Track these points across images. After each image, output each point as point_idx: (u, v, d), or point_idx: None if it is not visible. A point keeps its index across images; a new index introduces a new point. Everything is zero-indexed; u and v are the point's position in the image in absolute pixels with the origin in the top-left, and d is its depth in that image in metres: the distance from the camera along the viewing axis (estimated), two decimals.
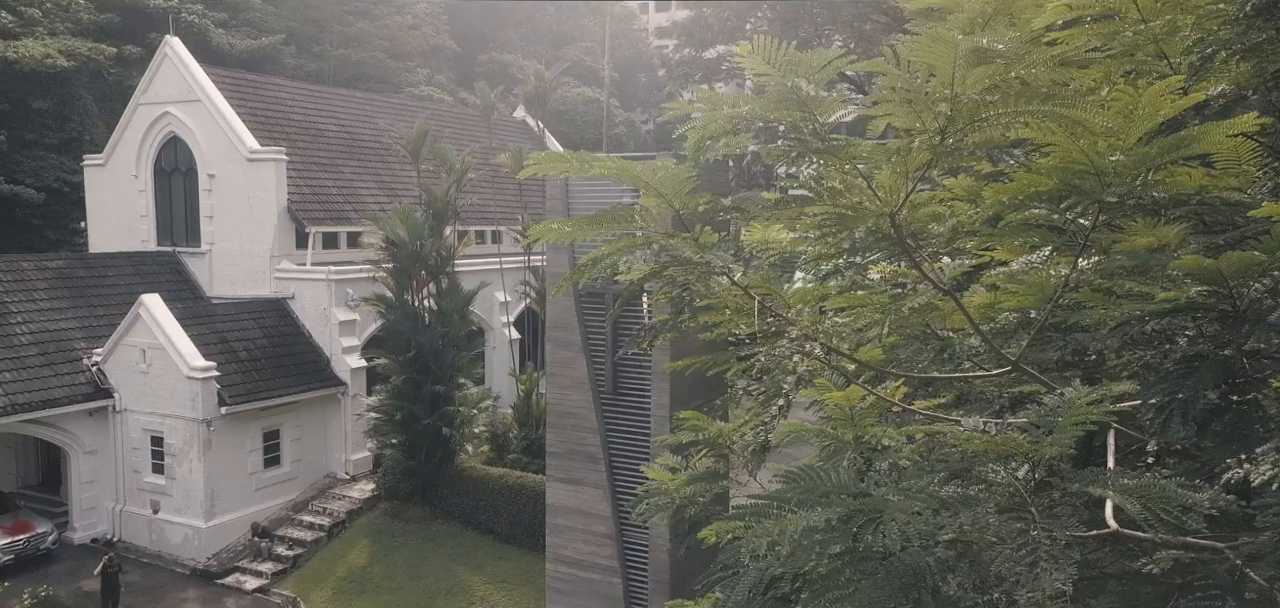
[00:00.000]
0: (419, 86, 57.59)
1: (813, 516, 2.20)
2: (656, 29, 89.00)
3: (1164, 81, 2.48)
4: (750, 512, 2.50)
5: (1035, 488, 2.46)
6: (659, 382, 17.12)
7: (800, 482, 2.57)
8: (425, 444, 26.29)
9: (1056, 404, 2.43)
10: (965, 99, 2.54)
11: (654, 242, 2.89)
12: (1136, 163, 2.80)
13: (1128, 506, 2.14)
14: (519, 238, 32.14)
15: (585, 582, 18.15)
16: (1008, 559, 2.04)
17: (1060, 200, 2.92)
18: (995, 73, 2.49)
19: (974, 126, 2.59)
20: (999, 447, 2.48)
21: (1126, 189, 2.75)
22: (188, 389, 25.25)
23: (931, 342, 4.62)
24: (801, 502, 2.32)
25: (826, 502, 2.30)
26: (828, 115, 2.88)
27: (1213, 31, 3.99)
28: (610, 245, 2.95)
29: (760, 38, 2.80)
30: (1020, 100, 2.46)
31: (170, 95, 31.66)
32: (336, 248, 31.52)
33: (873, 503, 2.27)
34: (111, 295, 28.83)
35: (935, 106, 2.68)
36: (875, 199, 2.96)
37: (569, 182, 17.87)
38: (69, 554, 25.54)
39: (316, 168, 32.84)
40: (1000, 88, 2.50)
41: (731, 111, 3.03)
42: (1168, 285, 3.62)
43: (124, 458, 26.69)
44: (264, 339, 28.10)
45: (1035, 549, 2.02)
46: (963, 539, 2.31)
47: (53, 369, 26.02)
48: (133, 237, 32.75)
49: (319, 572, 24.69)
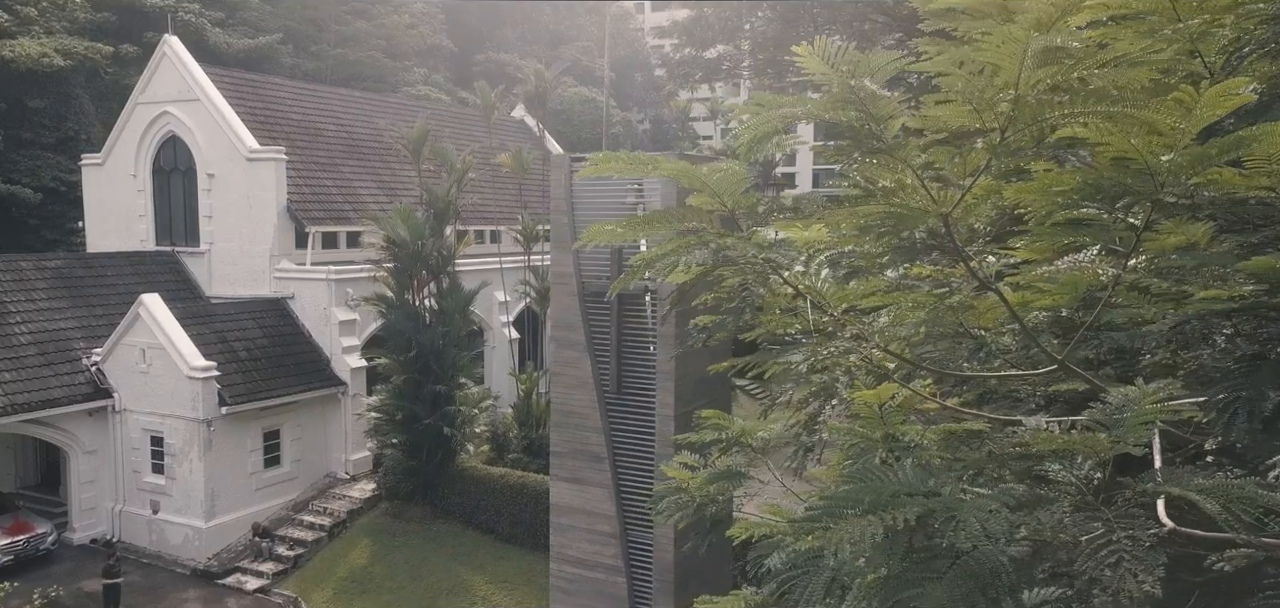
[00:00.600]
0: (416, 86, 57.53)
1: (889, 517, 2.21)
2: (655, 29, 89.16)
3: (1231, 81, 2.49)
4: (824, 512, 2.50)
5: (1098, 487, 2.47)
6: (663, 381, 17.14)
7: (866, 482, 2.58)
8: (426, 444, 26.26)
9: (1121, 403, 2.44)
10: (1029, 98, 2.55)
11: (710, 240, 2.90)
12: (1192, 162, 2.82)
13: (1207, 505, 2.15)
14: (519, 238, 32.13)
15: (589, 581, 18.15)
16: (1091, 560, 2.05)
17: (1115, 199, 2.93)
18: (1059, 73, 2.50)
19: (1037, 126, 2.60)
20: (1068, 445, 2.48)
21: (1183, 189, 2.77)
22: (188, 389, 25.18)
23: (964, 341, 4.64)
24: (874, 503, 2.32)
25: (897, 502, 2.31)
26: (886, 114, 2.89)
27: (1250, 31, 4.01)
28: (669, 245, 2.95)
29: (822, 40, 2.81)
30: (1088, 100, 2.47)
31: (169, 95, 31.56)
32: (336, 248, 31.48)
33: (948, 503, 2.27)
34: (110, 295, 28.75)
35: (996, 106, 2.69)
36: (930, 199, 2.97)
37: (573, 182, 17.88)
38: (68, 555, 25.45)
39: (316, 167, 32.78)
40: (1064, 87, 2.51)
41: (785, 112, 3.03)
42: (1211, 284, 3.64)
43: (123, 458, 26.61)
44: (264, 339, 28.05)
45: (1118, 550, 2.03)
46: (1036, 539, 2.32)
47: (52, 369, 25.93)
48: (131, 236, 32.66)
49: (320, 572, 24.65)
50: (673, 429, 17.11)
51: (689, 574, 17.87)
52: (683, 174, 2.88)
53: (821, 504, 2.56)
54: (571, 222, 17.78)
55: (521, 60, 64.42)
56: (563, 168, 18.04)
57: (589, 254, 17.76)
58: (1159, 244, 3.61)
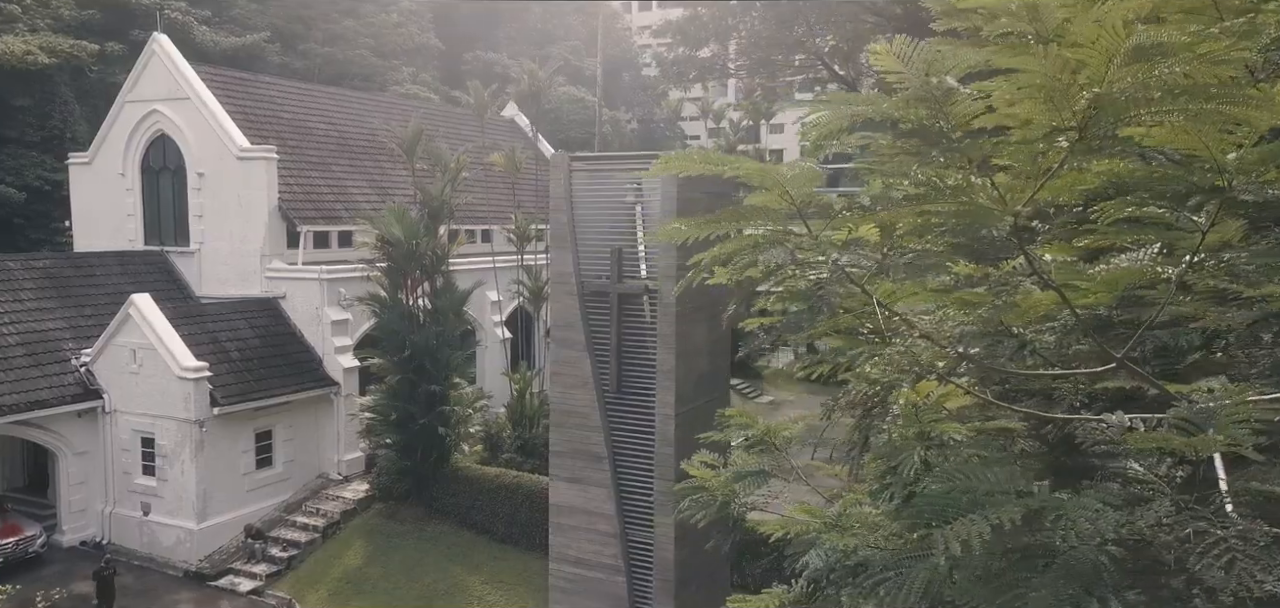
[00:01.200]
0: (404, 84, 57.31)
1: (995, 516, 2.20)
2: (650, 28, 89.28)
3: None
4: (922, 511, 2.49)
5: (1181, 485, 2.48)
6: (663, 381, 17.14)
7: (957, 482, 2.57)
8: (421, 444, 26.15)
9: (1208, 401, 2.45)
10: (1113, 94, 2.56)
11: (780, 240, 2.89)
12: (1262, 158, 2.84)
13: None
14: (512, 237, 32.05)
15: (589, 581, 18.13)
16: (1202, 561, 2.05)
17: (1186, 197, 2.95)
18: (1146, 69, 2.51)
19: (1120, 122, 2.61)
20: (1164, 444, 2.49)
21: (1258, 188, 2.79)
22: (180, 390, 24.97)
23: (1005, 340, 4.66)
24: (972, 503, 2.32)
25: (994, 501, 2.31)
26: (958, 111, 2.88)
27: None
28: (736, 242, 2.94)
29: (900, 38, 2.81)
30: (1178, 99, 2.48)
31: (158, 93, 31.30)
32: (328, 247, 31.31)
33: (1054, 502, 2.27)
34: (99, 295, 28.48)
35: (1075, 102, 2.70)
36: (1001, 199, 2.97)
37: (573, 180, 17.85)
38: (58, 557, 25.20)
39: (307, 166, 32.59)
40: (1150, 82, 2.52)
41: (852, 110, 3.03)
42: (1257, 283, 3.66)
43: (114, 460, 26.37)
44: (256, 339, 27.86)
45: (1230, 550, 2.04)
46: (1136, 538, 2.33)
47: (40, 370, 25.66)
48: (119, 236, 32.36)
49: (314, 573, 24.50)
50: (673, 429, 17.12)
51: (689, 574, 17.88)
52: (755, 173, 2.87)
53: (918, 504, 2.55)
54: (571, 221, 17.75)
55: (510, 60, 64.30)
56: (562, 167, 18.00)
57: (589, 254, 17.74)
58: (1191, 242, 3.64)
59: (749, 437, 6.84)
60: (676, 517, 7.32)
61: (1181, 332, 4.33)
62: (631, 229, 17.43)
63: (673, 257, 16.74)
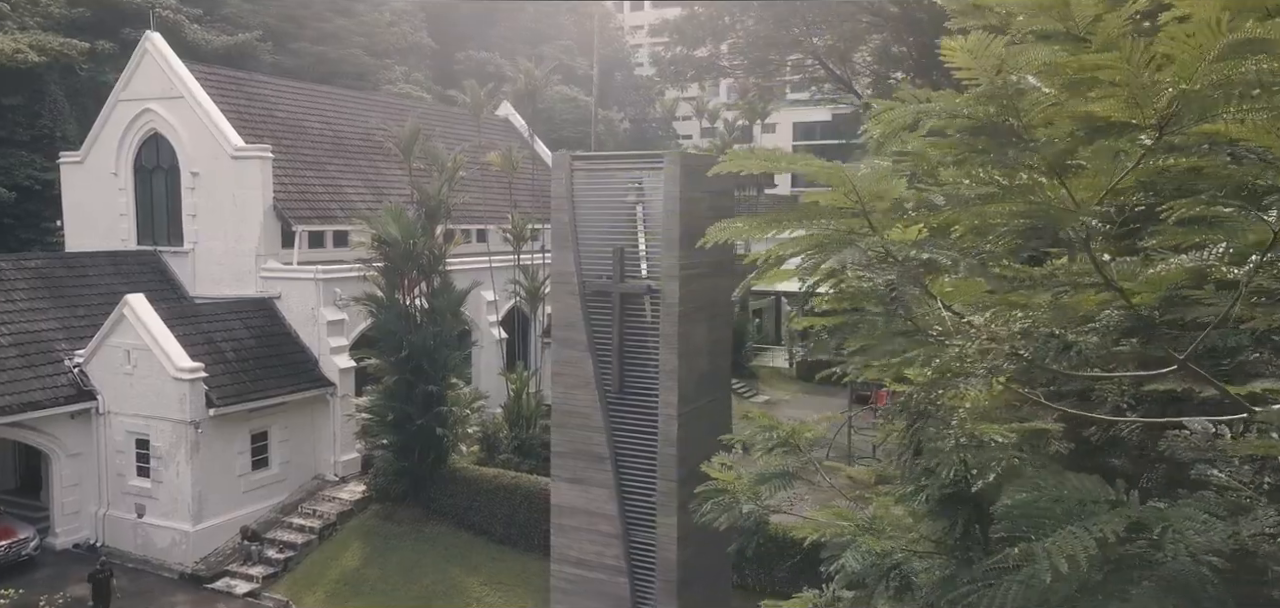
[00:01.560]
0: (396, 84, 57.09)
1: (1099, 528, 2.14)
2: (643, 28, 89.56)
3: None
4: (1016, 521, 2.43)
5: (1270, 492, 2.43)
6: (666, 381, 17.07)
7: (1044, 490, 2.51)
8: (418, 445, 26.02)
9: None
10: (1199, 91, 2.51)
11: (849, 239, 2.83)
12: None
13: None
14: (508, 237, 31.94)
15: (591, 582, 18.03)
16: None
17: (1261, 196, 2.90)
18: (1233, 65, 2.46)
19: (1202, 119, 2.56)
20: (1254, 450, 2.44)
21: None
22: (175, 390, 24.78)
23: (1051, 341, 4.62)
24: (1069, 514, 2.26)
25: (1088, 511, 2.25)
26: (1032, 110, 2.83)
27: None
28: (807, 240, 2.87)
29: (974, 35, 2.76)
30: (1268, 93, 2.43)
31: (151, 92, 31.05)
32: (323, 247, 31.13)
33: (1152, 513, 2.22)
34: (92, 295, 28.24)
35: (1157, 100, 2.65)
36: (1071, 199, 2.92)
37: (574, 181, 17.76)
38: (50, 560, 24.98)
39: (302, 166, 32.40)
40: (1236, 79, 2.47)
41: (920, 108, 2.98)
42: None
43: (108, 461, 26.14)
44: (251, 340, 27.67)
45: None
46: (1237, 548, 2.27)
47: (33, 371, 25.41)
48: (112, 236, 32.10)
49: (311, 575, 24.35)
50: (676, 429, 17.05)
51: (691, 575, 17.82)
52: (822, 172, 2.81)
53: (1013, 512, 2.49)
54: (572, 221, 17.66)
55: (503, 59, 64.13)
56: (563, 166, 17.90)
57: (590, 253, 17.65)
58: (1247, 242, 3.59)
59: (773, 438, 6.79)
60: (696, 520, 7.25)
61: (1229, 332, 4.30)
62: (632, 229, 17.35)
63: (675, 256, 16.69)
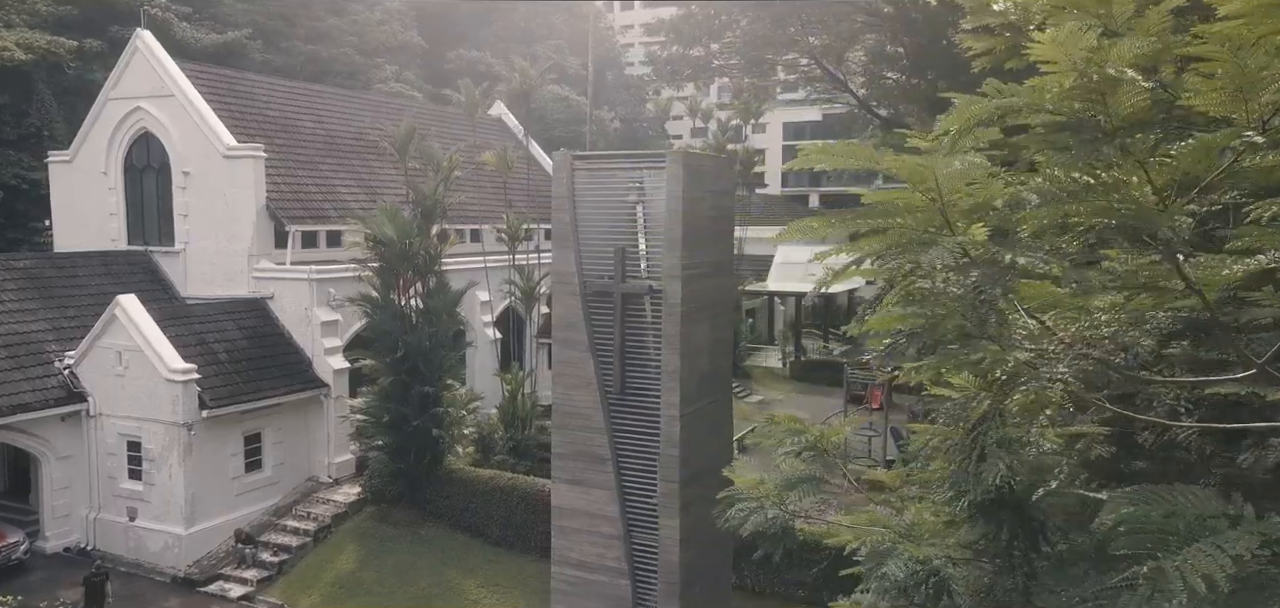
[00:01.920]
0: (387, 82, 56.78)
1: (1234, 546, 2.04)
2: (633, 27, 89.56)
3: None
4: (1135, 537, 2.32)
5: None
6: (668, 381, 16.95)
7: (1156, 504, 2.40)
8: (414, 446, 25.83)
9: None
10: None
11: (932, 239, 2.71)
12: None
13: None
14: (503, 237, 31.75)
15: (592, 584, 17.90)
16: None
17: None
18: None
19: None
20: None
21: None
22: (167, 392, 24.49)
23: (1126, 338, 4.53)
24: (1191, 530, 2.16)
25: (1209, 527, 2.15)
26: (1125, 104, 2.72)
27: None
28: (885, 238, 2.76)
29: (1068, 25, 2.64)
30: None
31: (142, 90, 30.73)
32: (316, 247, 30.87)
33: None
34: (82, 296, 27.91)
35: (1261, 96, 2.55)
36: (1158, 198, 2.82)
37: (575, 181, 17.61)
38: (41, 564, 24.66)
39: (295, 165, 32.13)
40: None
41: (999, 103, 2.86)
42: None
43: (99, 464, 25.84)
44: (244, 340, 27.40)
45: None
46: None
47: (22, 372, 25.08)
48: (102, 236, 31.76)
49: (306, 578, 24.12)
50: (677, 430, 16.94)
51: (693, 577, 17.72)
52: (903, 168, 2.70)
53: (1128, 526, 2.38)
54: (573, 220, 17.52)
55: (494, 59, 63.92)
56: (564, 166, 17.76)
57: (591, 253, 17.52)
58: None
59: (801, 443, 6.68)
60: (720, 525, 7.13)
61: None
62: (633, 229, 17.22)
63: (677, 256, 16.59)
